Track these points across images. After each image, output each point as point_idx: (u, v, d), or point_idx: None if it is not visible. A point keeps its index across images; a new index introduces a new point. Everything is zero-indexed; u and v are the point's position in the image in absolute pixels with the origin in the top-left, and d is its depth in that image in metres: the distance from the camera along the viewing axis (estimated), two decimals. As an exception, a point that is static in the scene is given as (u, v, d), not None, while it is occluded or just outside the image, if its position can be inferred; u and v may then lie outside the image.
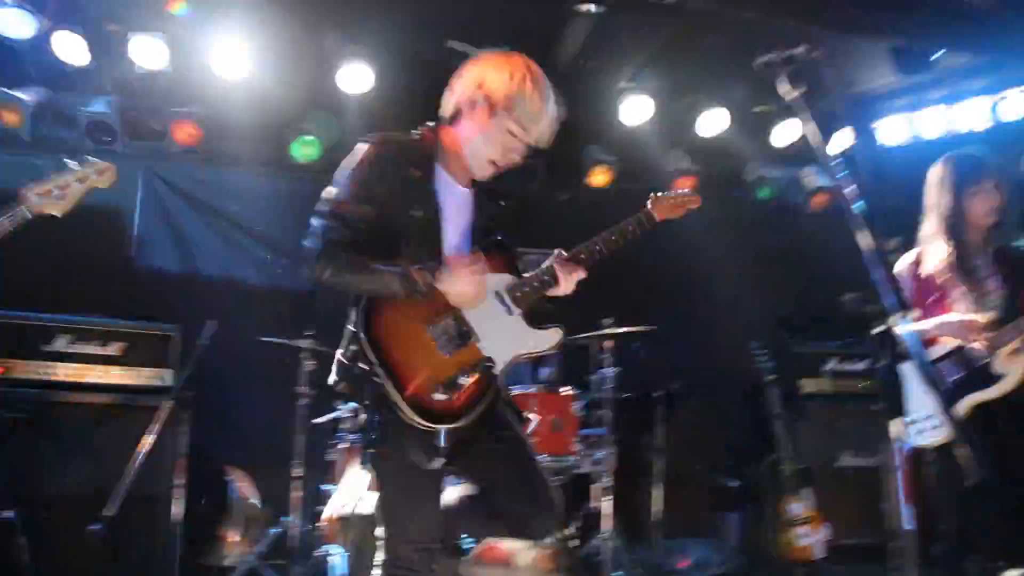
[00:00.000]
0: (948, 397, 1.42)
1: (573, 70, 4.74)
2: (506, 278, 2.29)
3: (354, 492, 3.49)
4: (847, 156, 5.17)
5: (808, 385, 5.27)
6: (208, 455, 4.42)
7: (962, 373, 3.06)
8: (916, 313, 3.20)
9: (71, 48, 4.26)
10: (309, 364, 4.26)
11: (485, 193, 2.38)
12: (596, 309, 4.08)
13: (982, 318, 3.06)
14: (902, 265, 3.31)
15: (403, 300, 2.13)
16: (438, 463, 2.14)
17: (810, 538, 4.69)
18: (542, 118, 2.27)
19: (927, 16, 3.24)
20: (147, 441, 3.80)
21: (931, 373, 1.48)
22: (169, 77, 4.55)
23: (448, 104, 2.34)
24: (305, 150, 5.08)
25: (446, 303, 2.18)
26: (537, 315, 2.31)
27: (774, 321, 5.57)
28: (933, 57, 4.51)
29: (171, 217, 5.18)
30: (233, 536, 4.26)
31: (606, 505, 4.23)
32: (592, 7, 3.63)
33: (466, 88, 2.29)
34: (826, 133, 3.51)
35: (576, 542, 3.88)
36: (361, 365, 2.13)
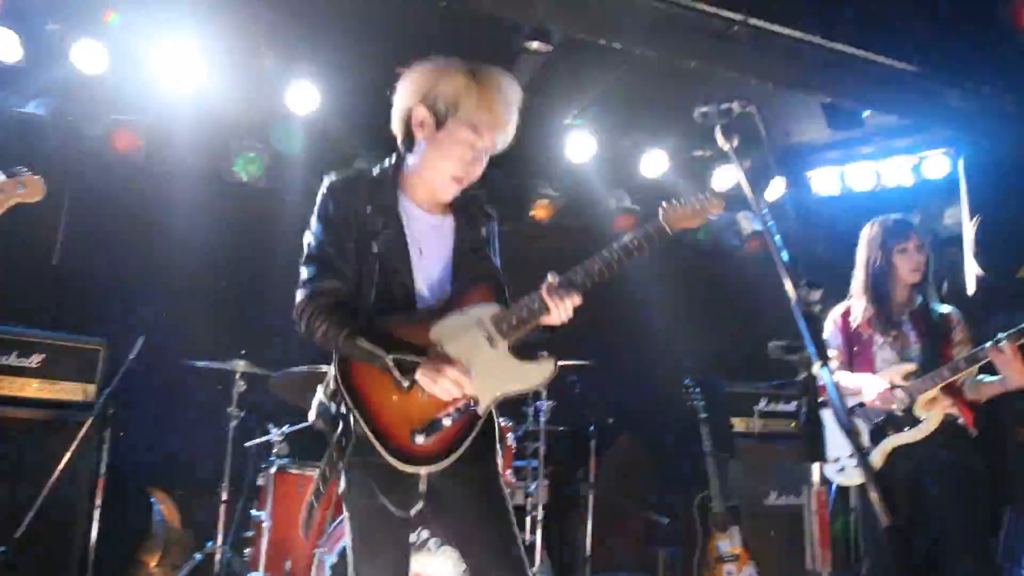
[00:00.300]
0: (860, 444, 1.48)
1: (520, 104, 4.83)
2: (490, 309, 2.11)
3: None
4: (779, 205, 5.37)
5: (739, 424, 5.39)
6: (130, 476, 4.27)
7: (883, 416, 3.24)
8: (835, 363, 3.41)
9: (4, 45, 4.09)
10: (240, 385, 4.17)
11: (464, 218, 2.25)
12: (532, 342, 4.10)
13: (903, 370, 3.25)
14: (835, 315, 3.50)
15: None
16: (413, 509, 2.05)
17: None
18: (493, 111, 2.13)
19: (856, 77, 3.43)
20: (64, 459, 3.65)
21: (846, 422, 1.54)
22: (110, 83, 4.43)
23: (396, 129, 2.25)
24: (249, 167, 5.02)
25: (427, 343, 2.06)
26: (526, 348, 2.14)
27: (708, 360, 5.70)
28: (864, 115, 4.75)
29: (103, 227, 5.01)
30: (152, 561, 4.11)
31: (538, 538, 4.23)
32: (540, 45, 3.72)
33: (407, 105, 2.19)
34: (761, 181, 3.66)
35: None
36: (340, 407, 2.05)
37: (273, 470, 3.90)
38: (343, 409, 2.05)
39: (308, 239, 2.20)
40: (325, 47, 4.44)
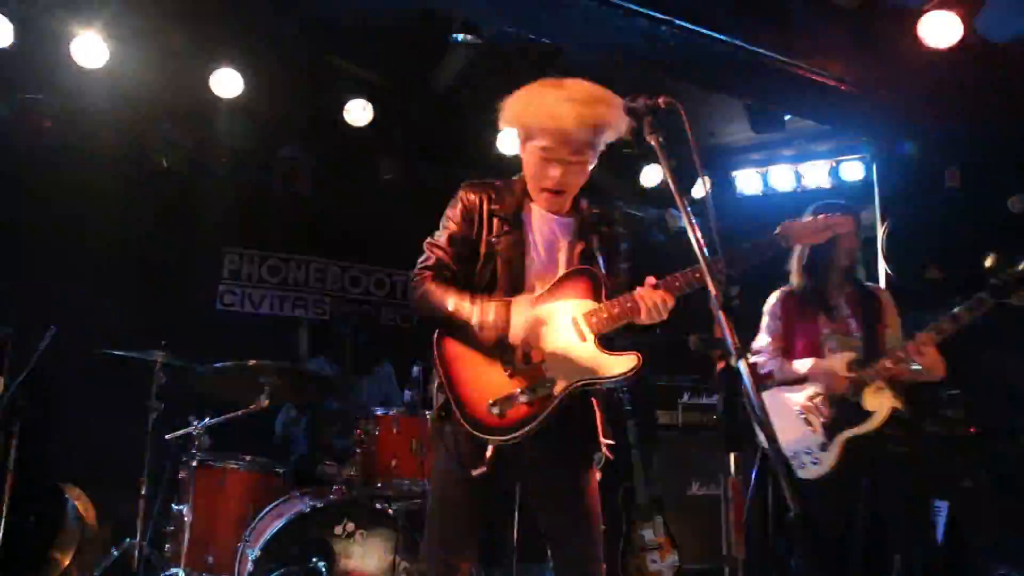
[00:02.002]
0: (773, 434, 1.53)
1: (449, 96, 4.84)
2: (585, 304, 2.30)
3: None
4: (703, 202, 5.50)
5: (663, 417, 5.52)
6: (41, 470, 4.10)
7: (833, 410, 3.26)
8: (773, 348, 3.43)
9: None
10: (160, 377, 4.04)
11: (589, 224, 2.42)
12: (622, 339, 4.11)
13: (846, 357, 3.27)
14: (773, 300, 3.52)
15: None
16: (477, 471, 2.22)
17: (659, 564, 4.90)
18: (573, 133, 2.22)
19: (777, 83, 3.56)
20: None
21: (760, 414, 1.59)
22: (17, 59, 4.23)
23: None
24: (169, 152, 4.87)
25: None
26: (613, 342, 2.29)
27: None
28: (786, 119, 4.92)
29: (9, 211, 4.77)
30: (66, 559, 3.96)
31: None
32: (469, 38, 3.73)
33: (509, 120, 2.36)
34: (687, 179, 3.75)
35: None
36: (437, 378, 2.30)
37: (194, 463, 3.80)
38: (438, 379, 2.29)
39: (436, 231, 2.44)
40: (250, 32, 4.35)
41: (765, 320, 3.53)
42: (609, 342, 2.29)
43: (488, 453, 2.22)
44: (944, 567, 3.21)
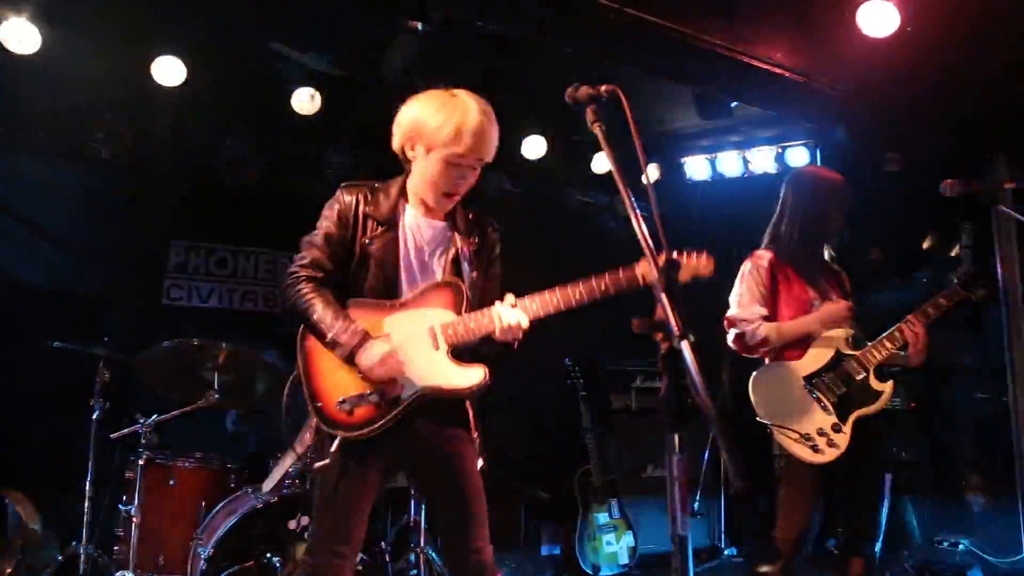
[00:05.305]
0: (714, 413, 1.55)
1: (398, 84, 4.79)
2: (445, 315, 2.40)
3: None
4: (649, 189, 5.56)
5: (617, 401, 5.60)
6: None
7: (844, 389, 3.12)
8: (760, 314, 3.21)
9: None
10: (104, 373, 3.93)
11: (465, 228, 2.51)
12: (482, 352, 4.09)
13: (843, 333, 3.15)
14: (757, 264, 3.27)
15: None
16: (320, 464, 2.36)
17: (615, 545, 4.98)
18: (485, 145, 2.36)
19: (724, 71, 3.61)
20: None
21: (703, 395, 1.61)
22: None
23: (395, 146, 2.49)
24: (110, 143, 4.72)
25: (378, 330, 2.37)
26: (466, 354, 2.41)
27: (588, 339, 5.86)
28: (732, 105, 5.00)
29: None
30: (8, 566, 3.84)
31: (422, 517, 4.24)
32: (418, 25, 3.70)
33: (403, 131, 2.44)
34: (636, 167, 3.79)
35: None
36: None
37: (142, 462, 3.72)
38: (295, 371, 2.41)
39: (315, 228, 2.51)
40: (194, 18, 4.23)
41: (744, 286, 3.27)
42: (466, 354, 2.41)
43: (333, 447, 2.32)
44: (886, 536, 3.28)
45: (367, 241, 2.42)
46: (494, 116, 2.40)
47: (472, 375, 2.37)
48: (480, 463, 2.51)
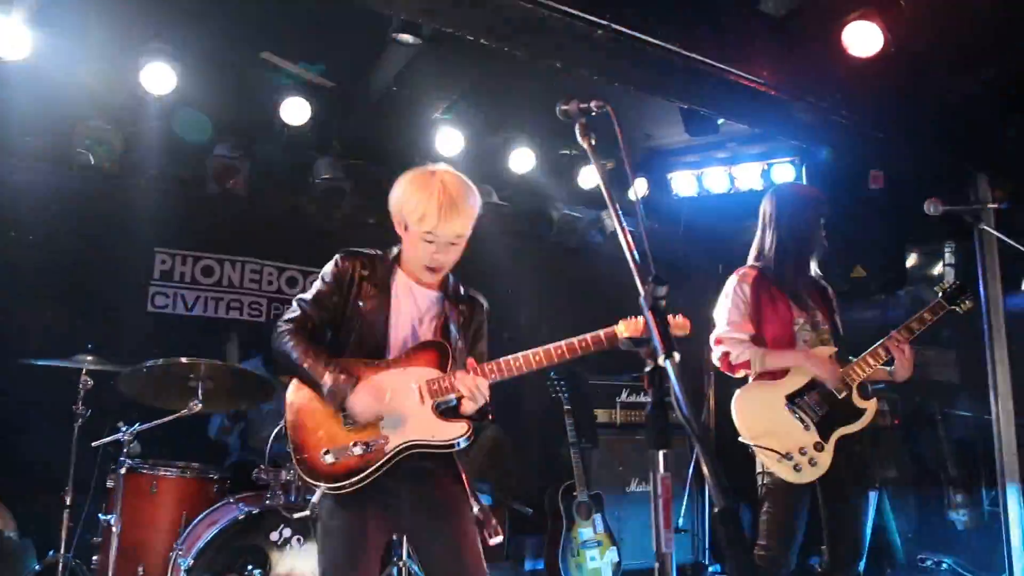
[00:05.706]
0: (697, 431, 1.55)
1: (388, 96, 4.81)
2: (430, 372, 2.51)
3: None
4: (637, 204, 5.61)
5: (602, 415, 5.60)
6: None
7: (827, 408, 3.14)
8: (744, 335, 3.22)
9: None
10: (86, 382, 3.90)
11: (454, 297, 2.65)
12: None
13: (827, 351, 3.19)
14: (742, 283, 3.28)
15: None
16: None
17: (599, 561, 4.96)
18: (450, 224, 2.48)
19: (711, 87, 3.65)
20: None
21: (686, 412, 1.61)
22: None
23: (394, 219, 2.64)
24: (98, 149, 4.70)
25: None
26: (450, 411, 2.52)
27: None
28: (719, 122, 5.04)
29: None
30: (-18, 574, 3.79)
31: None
32: (409, 38, 3.72)
33: (391, 209, 2.60)
34: (624, 181, 3.82)
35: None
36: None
37: (123, 470, 3.69)
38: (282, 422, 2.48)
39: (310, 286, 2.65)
40: (184, 26, 4.24)
41: (730, 304, 3.26)
42: (450, 410, 2.51)
43: (315, 499, 2.42)
44: (869, 554, 3.27)
45: (360, 303, 2.54)
46: (468, 193, 2.53)
47: (455, 429, 2.47)
48: (497, 539, 2.63)
